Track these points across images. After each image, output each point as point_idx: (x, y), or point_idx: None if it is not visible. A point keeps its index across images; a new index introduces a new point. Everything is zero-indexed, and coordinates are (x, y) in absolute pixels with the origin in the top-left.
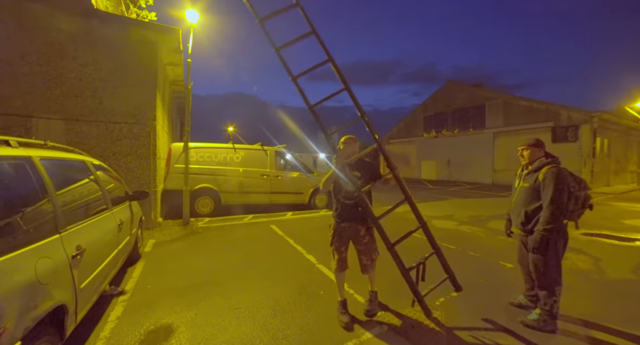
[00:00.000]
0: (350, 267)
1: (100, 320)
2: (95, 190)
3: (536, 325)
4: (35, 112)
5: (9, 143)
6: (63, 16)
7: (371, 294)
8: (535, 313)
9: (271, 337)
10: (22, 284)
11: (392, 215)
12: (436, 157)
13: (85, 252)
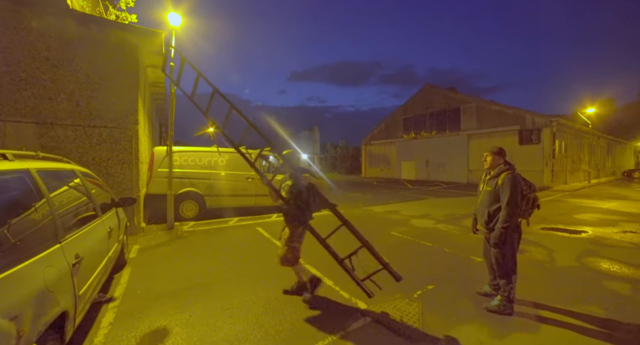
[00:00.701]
0: (338, 270)
1: (92, 327)
2: (87, 198)
3: (497, 309)
4: (2, 115)
5: (6, 156)
6: (31, 14)
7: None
8: (497, 299)
9: (264, 333)
10: (34, 290)
11: (374, 215)
12: (415, 157)
13: (82, 260)
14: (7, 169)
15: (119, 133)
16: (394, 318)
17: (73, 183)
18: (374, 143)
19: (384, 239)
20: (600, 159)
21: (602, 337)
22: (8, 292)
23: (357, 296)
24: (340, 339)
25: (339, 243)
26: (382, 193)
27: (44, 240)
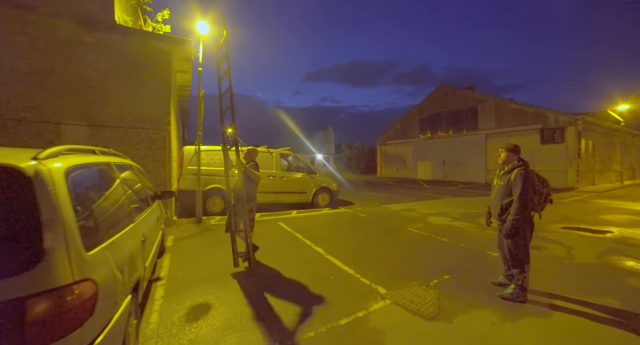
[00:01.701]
0: (360, 258)
1: (149, 299)
2: (143, 188)
3: (510, 297)
4: (63, 119)
5: (95, 151)
6: (87, 31)
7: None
8: (510, 287)
9: (292, 312)
10: (127, 255)
11: (391, 213)
12: (431, 157)
13: (146, 239)
14: (97, 161)
15: (154, 134)
16: (412, 301)
17: (134, 175)
18: (389, 143)
19: (401, 235)
20: (637, 158)
21: (613, 324)
22: (115, 252)
23: (377, 282)
24: (363, 317)
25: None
26: (398, 192)
27: (124, 219)
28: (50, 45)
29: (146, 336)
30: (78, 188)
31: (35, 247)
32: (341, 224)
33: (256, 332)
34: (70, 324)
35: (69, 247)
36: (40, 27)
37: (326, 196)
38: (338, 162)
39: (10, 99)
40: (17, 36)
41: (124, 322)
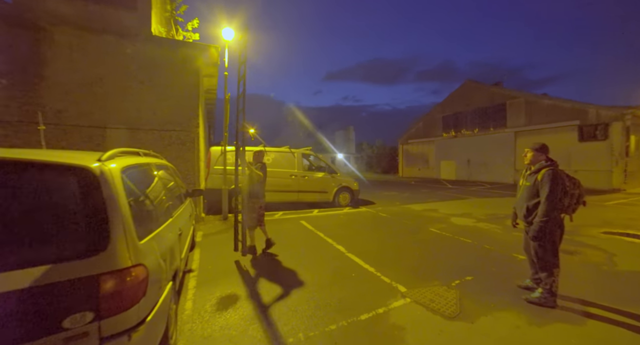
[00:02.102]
0: (381, 257)
1: (184, 288)
2: (177, 186)
3: (537, 301)
4: (108, 124)
5: (139, 153)
6: (129, 43)
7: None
8: (538, 292)
9: (315, 306)
10: (168, 245)
11: (412, 213)
12: (455, 157)
13: (182, 233)
14: (141, 162)
15: (184, 136)
16: (432, 300)
17: (169, 174)
18: (411, 142)
19: (421, 235)
20: None
21: None
22: (159, 243)
23: (397, 281)
24: (384, 313)
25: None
26: (420, 192)
27: (164, 214)
28: (98, 58)
29: (182, 321)
30: (130, 185)
31: (102, 235)
32: (362, 223)
33: (280, 322)
34: (130, 300)
35: (127, 236)
36: (91, 43)
37: (347, 195)
38: (359, 161)
39: (68, 108)
40: (75, 53)
41: (167, 305)
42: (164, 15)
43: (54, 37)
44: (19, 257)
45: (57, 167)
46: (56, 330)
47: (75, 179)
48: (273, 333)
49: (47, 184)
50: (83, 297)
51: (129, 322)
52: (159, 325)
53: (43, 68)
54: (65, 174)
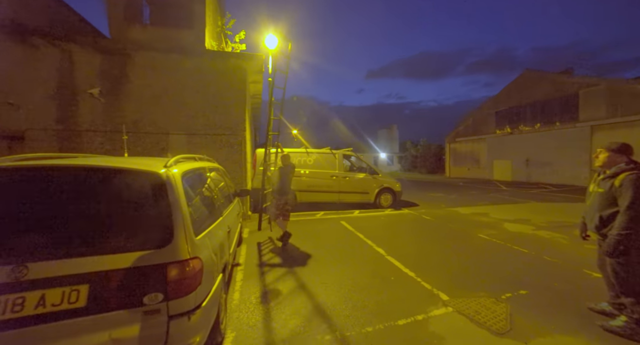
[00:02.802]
0: (422, 262)
1: (232, 280)
2: (227, 187)
3: (621, 331)
4: (170, 130)
5: (195, 158)
6: (187, 58)
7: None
8: (621, 319)
9: (352, 306)
10: (219, 241)
11: (459, 216)
12: (511, 155)
13: (230, 230)
14: (197, 166)
15: (233, 139)
16: (477, 312)
17: (220, 176)
18: (459, 140)
19: (469, 241)
20: None
21: None
22: (211, 239)
23: (439, 288)
24: (423, 321)
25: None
26: (469, 194)
27: (216, 213)
28: (164, 74)
29: (231, 309)
30: (188, 187)
31: (168, 230)
32: (404, 226)
33: (318, 319)
34: (189, 287)
35: (186, 232)
36: (159, 62)
37: (389, 197)
38: (402, 161)
39: (142, 118)
40: (147, 71)
41: (218, 293)
42: (215, 30)
43: (134, 60)
44: (112, 245)
45: (135, 172)
46: (140, 304)
47: (149, 182)
48: (312, 328)
49: (129, 186)
50: (155, 281)
51: (188, 305)
52: (212, 310)
53: (126, 86)
54: (141, 178)
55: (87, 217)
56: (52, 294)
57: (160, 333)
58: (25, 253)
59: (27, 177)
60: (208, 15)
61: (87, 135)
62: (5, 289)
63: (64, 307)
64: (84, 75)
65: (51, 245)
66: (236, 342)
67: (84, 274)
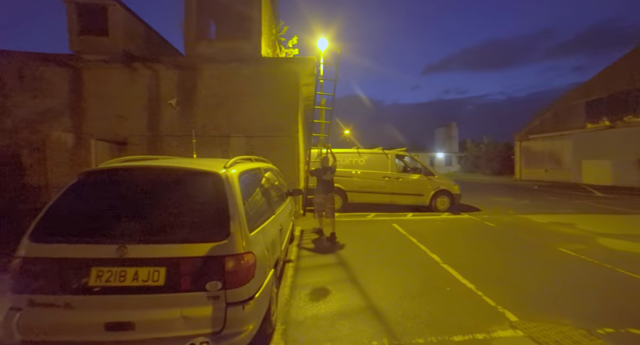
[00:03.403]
0: (484, 273)
1: (283, 276)
2: (280, 186)
3: None
4: (231, 133)
5: (251, 159)
6: (245, 67)
7: (331, 234)
8: None
9: (402, 314)
10: (272, 238)
11: (532, 225)
12: (611, 154)
13: (282, 228)
14: (253, 167)
15: (286, 140)
16: (557, 343)
17: (274, 176)
18: (533, 137)
19: (545, 255)
20: None
21: None
22: (264, 236)
23: (504, 306)
24: (484, 341)
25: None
26: (546, 200)
27: (269, 211)
28: (225, 82)
29: (282, 303)
30: (244, 187)
31: (226, 225)
32: (462, 232)
33: (366, 324)
34: (244, 279)
35: (241, 228)
36: (221, 71)
37: (446, 200)
38: (462, 161)
39: (208, 123)
40: (212, 81)
41: (270, 287)
42: (270, 38)
43: (202, 72)
44: (181, 236)
45: (199, 172)
46: (203, 289)
47: (210, 181)
48: (359, 332)
49: (194, 184)
50: (215, 270)
51: (243, 295)
52: (263, 302)
53: (196, 95)
54: (204, 178)
55: (163, 210)
56: (142, 272)
57: (219, 317)
58: (125, 236)
59: (125, 175)
60: (264, 25)
61: (167, 139)
62: (114, 263)
63: (150, 283)
64: (166, 89)
65: (141, 231)
66: (285, 335)
67: (162, 258)
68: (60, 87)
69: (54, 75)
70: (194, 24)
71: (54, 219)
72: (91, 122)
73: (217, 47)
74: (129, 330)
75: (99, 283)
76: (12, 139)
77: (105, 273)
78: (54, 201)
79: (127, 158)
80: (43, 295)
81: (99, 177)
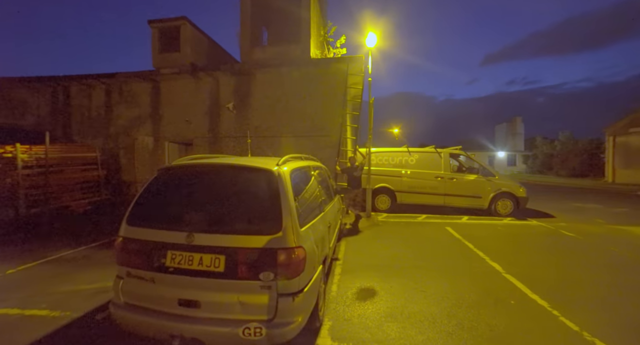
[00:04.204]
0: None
1: (331, 273)
2: (328, 185)
3: None
4: (281, 134)
5: (301, 158)
6: (295, 69)
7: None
8: None
9: (456, 324)
10: (321, 235)
11: (626, 237)
12: None
13: (330, 225)
14: (303, 165)
15: (334, 140)
16: None
17: (322, 174)
18: (634, 131)
19: None
20: None
21: None
22: (313, 232)
23: (593, 333)
24: None
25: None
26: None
27: (318, 208)
28: (277, 85)
29: (329, 300)
30: (295, 184)
31: (279, 220)
32: (530, 240)
33: (415, 329)
34: (294, 272)
35: (293, 223)
36: (273, 75)
37: (508, 203)
38: (529, 161)
39: (261, 124)
40: (265, 85)
41: (318, 282)
42: (319, 40)
43: (256, 77)
44: (239, 228)
45: (255, 169)
46: (257, 278)
47: (264, 177)
48: (408, 338)
49: (250, 180)
50: (268, 262)
51: (293, 288)
52: (312, 296)
53: (249, 99)
54: (259, 174)
55: (224, 203)
56: (206, 258)
57: (271, 306)
58: (193, 225)
59: (194, 171)
60: (312, 28)
61: (225, 140)
62: (184, 248)
63: (212, 269)
64: (224, 94)
65: (206, 221)
66: (332, 331)
67: (222, 247)
68: (144, 98)
69: (140, 89)
70: (248, 33)
71: (141, 207)
72: (165, 127)
73: (269, 52)
74: (196, 308)
75: (172, 264)
76: (114, 143)
77: (177, 256)
78: (140, 192)
79: (193, 156)
80: (135, 269)
81: (173, 172)
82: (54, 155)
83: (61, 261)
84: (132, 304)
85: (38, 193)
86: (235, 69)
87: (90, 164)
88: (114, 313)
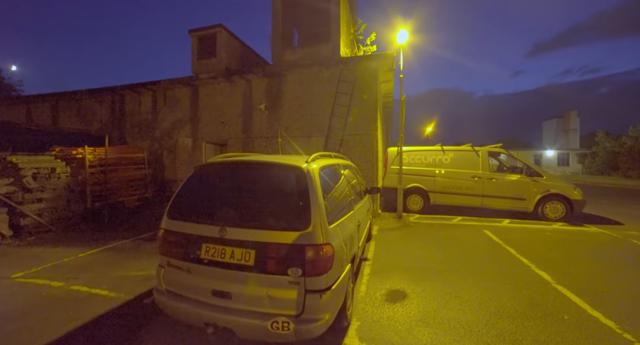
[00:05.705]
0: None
1: (359, 273)
2: (358, 183)
3: None
4: (312, 134)
5: (331, 156)
6: (326, 69)
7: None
8: None
9: (497, 335)
10: (350, 232)
11: None
12: None
13: (360, 224)
14: (332, 163)
15: (365, 139)
16: None
17: (352, 173)
18: None
19: None
20: None
21: None
22: (342, 230)
23: None
24: None
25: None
26: None
27: (347, 206)
28: (308, 85)
29: (357, 300)
30: (324, 181)
31: (307, 216)
32: (587, 248)
33: (449, 337)
34: (322, 269)
35: (321, 220)
36: (304, 76)
37: (559, 206)
38: (587, 160)
39: (291, 125)
40: (296, 85)
41: (346, 281)
42: (348, 38)
43: (287, 78)
44: (268, 223)
45: (286, 166)
46: (285, 274)
47: (294, 174)
48: (439, 343)
49: (281, 177)
50: (296, 258)
51: (321, 285)
52: (340, 294)
53: (281, 100)
54: (289, 171)
55: (255, 198)
56: (237, 251)
57: (299, 302)
58: (225, 220)
59: (227, 167)
60: (342, 26)
61: (257, 140)
62: (217, 241)
63: (243, 262)
64: (256, 96)
65: (238, 216)
66: (360, 332)
67: (252, 242)
68: (184, 102)
69: (181, 94)
70: (279, 35)
71: (180, 202)
72: (202, 129)
73: (299, 53)
74: (228, 299)
75: (207, 256)
76: (159, 144)
77: (211, 249)
78: (179, 188)
79: (226, 155)
80: (175, 259)
81: (208, 169)
82: (111, 155)
83: (118, 249)
84: (172, 292)
85: (100, 189)
86: (266, 71)
87: (140, 164)
88: (157, 299)
